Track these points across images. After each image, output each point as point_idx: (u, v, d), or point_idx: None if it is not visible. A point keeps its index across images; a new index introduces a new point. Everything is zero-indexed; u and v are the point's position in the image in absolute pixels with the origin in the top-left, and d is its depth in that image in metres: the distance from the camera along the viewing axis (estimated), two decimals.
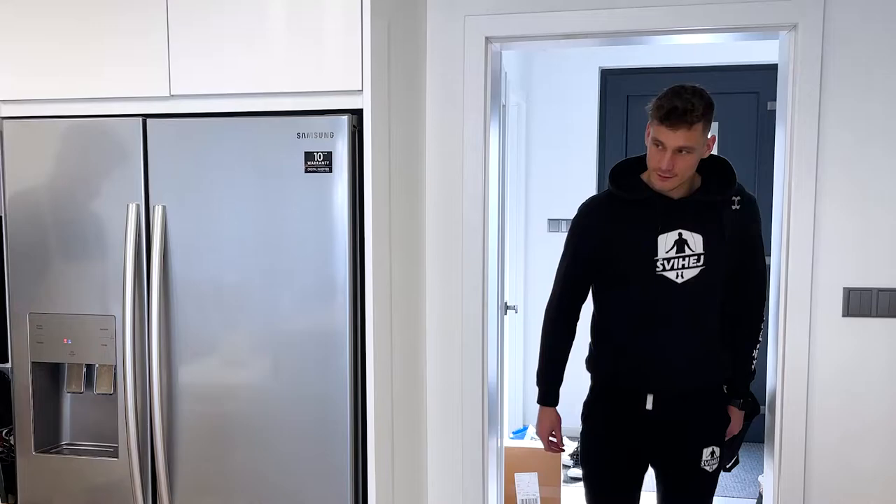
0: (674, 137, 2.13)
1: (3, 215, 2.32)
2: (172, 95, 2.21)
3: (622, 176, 2.35)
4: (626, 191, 2.30)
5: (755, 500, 3.88)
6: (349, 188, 2.10)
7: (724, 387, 2.41)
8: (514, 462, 3.76)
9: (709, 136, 2.20)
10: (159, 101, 2.23)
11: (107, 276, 2.23)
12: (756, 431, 2.74)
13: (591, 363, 2.42)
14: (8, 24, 2.30)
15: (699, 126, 2.13)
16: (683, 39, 2.87)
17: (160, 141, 2.19)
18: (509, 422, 4.49)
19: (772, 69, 2.85)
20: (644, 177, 2.30)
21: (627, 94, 4.78)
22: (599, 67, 4.75)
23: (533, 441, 4.08)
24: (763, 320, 2.42)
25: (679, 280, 2.24)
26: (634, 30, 2.65)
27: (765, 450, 2.88)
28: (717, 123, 4.62)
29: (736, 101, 4.61)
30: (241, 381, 2.20)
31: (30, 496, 2.34)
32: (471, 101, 2.74)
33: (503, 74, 3.04)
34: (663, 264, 2.24)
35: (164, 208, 2.18)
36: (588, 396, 2.44)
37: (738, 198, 2.28)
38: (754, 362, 2.42)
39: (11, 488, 2.39)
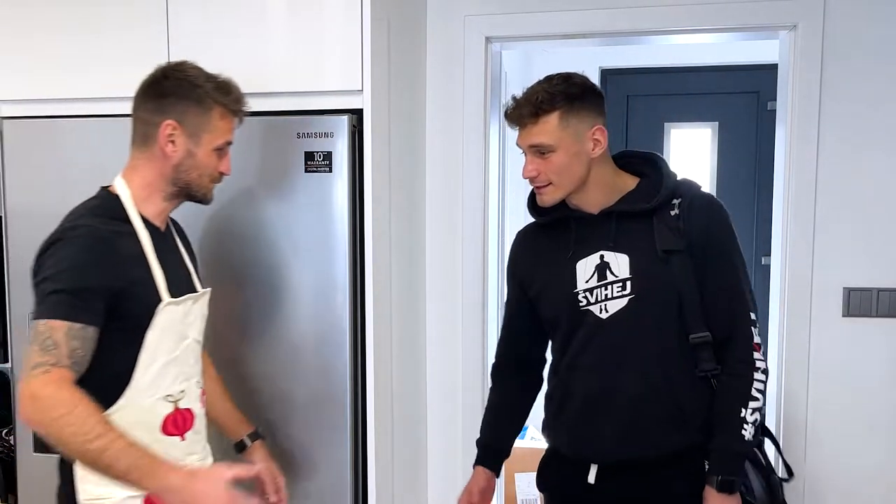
0: (521, 137, 1.77)
1: (3, 215, 2.32)
2: None
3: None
4: (538, 213, 1.89)
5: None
6: (349, 188, 2.10)
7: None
8: (514, 462, 3.75)
9: (592, 127, 1.76)
10: None
11: None
12: None
13: (543, 423, 1.99)
14: (8, 24, 2.30)
15: (551, 118, 1.72)
16: (683, 39, 2.87)
17: None
18: None
19: (772, 69, 2.85)
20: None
21: (627, 94, 4.77)
22: (599, 67, 4.74)
23: (533, 441, 4.08)
24: (753, 363, 1.77)
25: (603, 315, 1.78)
26: (634, 30, 2.65)
27: (764, 449, 2.88)
28: (716, 123, 4.65)
29: (736, 101, 4.61)
30: (240, 380, 2.19)
31: (30, 496, 2.33)
32: (471, 101, 2.74)
33: (503, 74, 3.04)
34: (586, 297, 1.79)
35: None
36: (539, 464, 2.03)
37: (678, 200, 1.78)
38: (747, 427, 1.74)
39: (11, 488, 2.39)
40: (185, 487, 1.43)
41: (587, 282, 1.79)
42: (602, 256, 1.79)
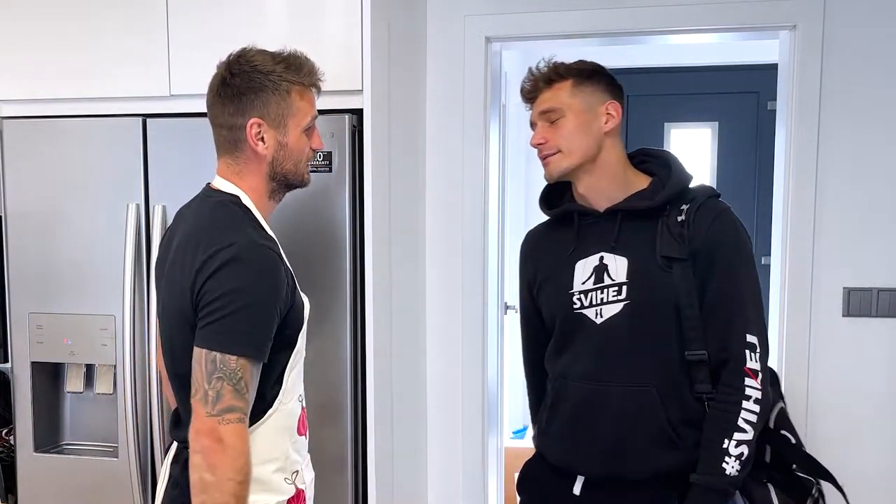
0: (537, 104, 1.76)
1: (3, 215, 2.32)
2: (172, 95, 2.21)
3: (555, 194, 1.88)
4: (548, 206, 1.87)
5: None
6: (349, 188, 2.09)
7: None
8: (514, 462, 3.75)
9: (605, 102, 1.74)
10: (159, 100, 2.23)
11: (106, 276, 2.23)
12: None
13: (535, 430, 1.92)
14: (8, 24, 2.30)
15: (565, 84, 1.73)
16: (683, 39, 2.87)
17: (160, 141, 2.19)
18: (509, 422, 4.49)
19: (772, 69, 2.85)
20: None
21: (627, 94, 4.77)
22: None
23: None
24: (743, 391, 1.63)
25: (598, 319, 1.70)
26: (634, 30, 2.65)
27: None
28: (716, 123, 4.64)
29: (736, 101, 4.61)
30: None
31: (30, 496, 2.34)
32: (471, 101, 2.74)
33: (503, 74, 3.04)
34: (580, 299, 1.72)
35: (163, 208, 2.17)
36: (523, 466, 1.95)
37: (687, 206, 1.69)
38: (730, 461, 1.60)
39: (11, 488, 2.39)
40: None
41: (583, 283, 1.73)
42: (602, 258, 1.72)
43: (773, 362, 2.73)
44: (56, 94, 2.28)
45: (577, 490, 1.75)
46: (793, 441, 1.74)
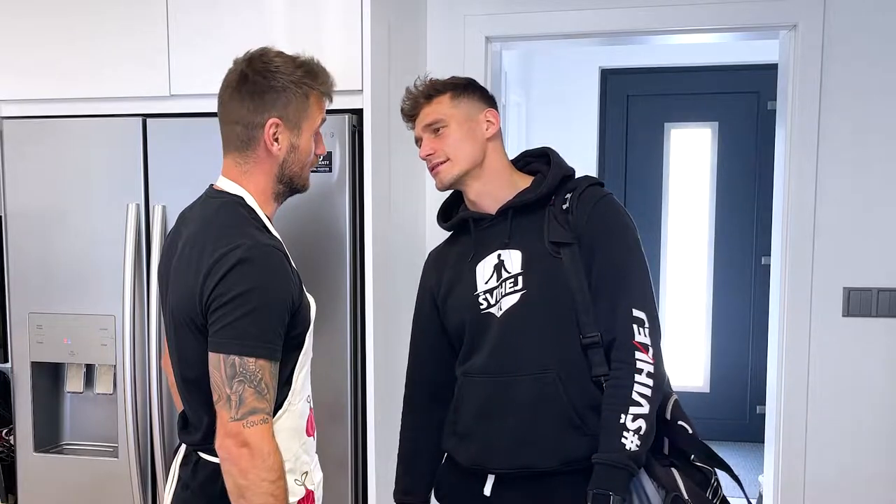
0: (419, 120, 1.81)
1: (3, 215, 2.32)
2: (172, 95, 2.21)
3: (452, 207, 1.91)
4: (444, 219, 1.90)
5: (755, 500, 3.87)
6: (349, 188, 2.10)
7: None
8: None
9: (483, 110, 1.79)
10: (159, 100, 2.23)
11: (107, 276, 2.23)
12: (756, 431, 2.74)
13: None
14: (8, 24, 2.30)
15: (443, 98, 1.78)
16: (683, 39, 2.87)
17: (160, 141, 2.19)
18: None
19: (772, 69, 2.85)
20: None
21: (627, 94, 4.78)
22: (599, 67, 4.75)
23: None
24: (633, 364, 1.64)
25: (498, 313, 1.73)
26: (634, 30, 2.65)
27: (765, 450, 2.88)
28: (716, 123, 4.65)
29: (736, 101, 4.62)
30: None
31: (30, 496, 2.34)
32: None
33: (503, 74, 3.04)
34: (486, 299, 1.75)
35: (163, 208, 2.17)
36: (438, 471, 1.92)
37: (570, 195, 1.75)
38: (628, 436, 1.60)
39: (11, 488, 2.39)
40: None
41: (486, 283, 1.76)
42: (499, 255, 1.76)
43: (773, 362, 2.74)
44: (56, 94, 2.28)
45: (487, 490, 1.75)
46: (690, 431, 1.74)
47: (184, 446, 1.66)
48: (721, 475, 1.75)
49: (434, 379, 1.89)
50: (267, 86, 1.56)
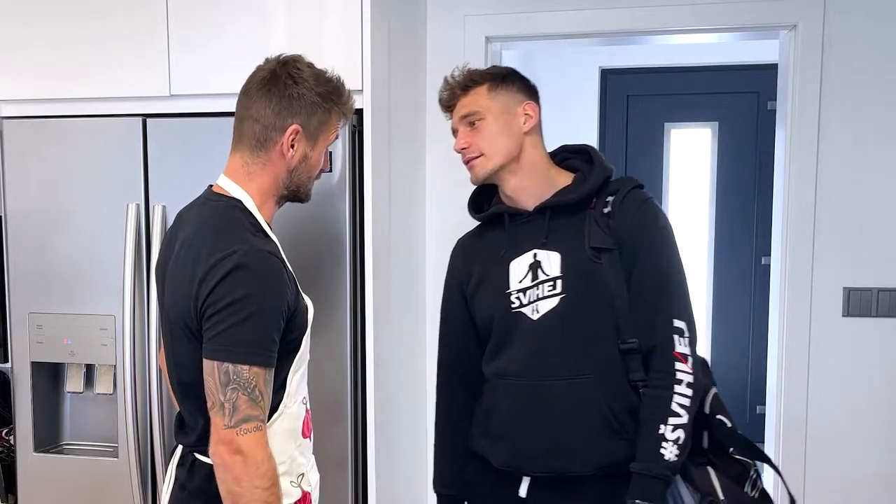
0: (456, 111, 1.79)
1: (3, 215, 2.32)
2: (172, 95, 2.21)
3: (483, 198, 1.88)
4: (477, 210, 1.88)
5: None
6: (349, 188, 2.10)
7: None
8: None
9: (522, 103, 1.76)
10: (159, 100, 2.23)
11: (107, 276, 2.23)
12: (756, 431, 2.74)
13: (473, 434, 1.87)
14: (8, 24, 2.30)
15: (481, 89, 1.76)
16: (683, 39, 2.87)
17: (160, 141, 2.19)
18: None
19: (772, 69, 2.85)
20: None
21: (627, 94, 4.78)
22: (599, 67, 4.75)
23: None
24: (673, 374, 1.65)
25: (535, 316, 1.71)
26: (634, 30, 2.65)
27: (764, 449, 2.88)
28: (716, 123, 4.64)
29: (736, 101, 4.61)
30: None
31: (30, 496, 2.34)
32: None
33: None
34: (518, 298, 1.72)
35: (163, 208, 2.17)
36: (467, 470, 1.89)
37: (612, 197, 1.72)
38: (667, 446, 1.62)
39: (11, 488, 2.39)
40: None
41: (520, 282, 1.73)
42: (535, 255, 1.73)
43: (773, 362, 2.74)
44: (56, 94, 2.28)
45: (522, 492, 1.74)
46: (729, 425, 1.75)
47: (180, 447, 1.66)
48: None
49: (465, 368, 1.87)
50: (297, 92, 1.57)
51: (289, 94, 1.56)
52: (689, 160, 4.75)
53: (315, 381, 1.72)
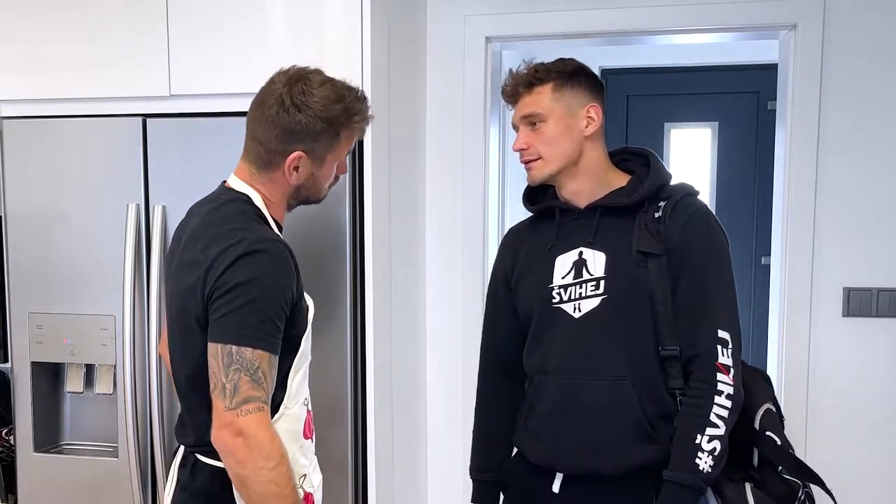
0: (518, 108, 1.76)
1: (3, 215, 2.32)
2: (172, 95, 2.21)
3: (538, 188, 1.86)
4: (531, 202, 1.87)
5: None
6: (349, 188, 2.09)
7: None
8: None
9: (586, 105, 1.74)
10: (159, 100, 2.23)
11: (107, 276, 2.23)
12: None
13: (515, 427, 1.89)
14: (8, 24, 2.30)
15: (545, 89, 1.72)
16: (683, 39, 2.87)
17: (160, 141, 2.19)
18: None
19: (772, 69, 2.85)
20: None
21: (627, 94, 4.77)
22: (599, 67, 4.74)
23: None
24: (714, 385, 1.64)
25: (576, 314, 1.71)
26: (634, 30, 2.65)
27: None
28: (716, 123, 4.64)
29: (736, 101, 4.61)
30: None
31: (30, 496, 2.34)
32: (471, 101, 2.73)
33: (503, 74, 3.03)
34: (560, 294, 1.73)
35: (163, 208, 2.17)
36: (505, 464, 1.91)
37: (664, 203, 1.71)
38: (703, 457, 1.60)
39: (11, 488, 2.40)
40: None
41: (563, 278, 1.73)
42: (581, 253, 1.73)
43: (772, 362, 2.74)
44: (56, 94, 2.28)
45: (556, 487, 1.74)
46: (778, 443, 1.73)
47: (182, 448, 1.66)
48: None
49: (506, 357, 1.87)
50: (301, 122, 1.54)
51: (291, 121, 1.54)
52: (690, 160, 4.75)
53: (316, 383, 1.72)
